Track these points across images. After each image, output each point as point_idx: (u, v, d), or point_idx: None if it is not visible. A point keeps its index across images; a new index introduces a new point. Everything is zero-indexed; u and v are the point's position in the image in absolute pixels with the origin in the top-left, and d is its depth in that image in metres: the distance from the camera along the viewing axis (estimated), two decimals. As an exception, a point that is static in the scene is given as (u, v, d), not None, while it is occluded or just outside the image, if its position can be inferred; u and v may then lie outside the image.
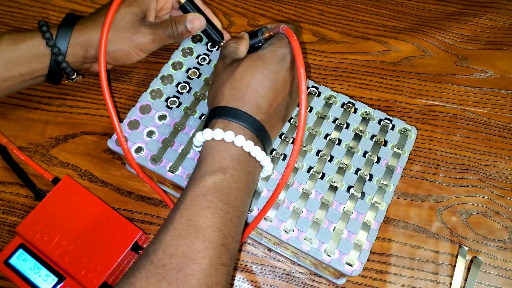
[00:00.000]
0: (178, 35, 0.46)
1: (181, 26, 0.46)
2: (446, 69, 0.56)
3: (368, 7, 0.60)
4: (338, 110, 0.46)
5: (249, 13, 0.60)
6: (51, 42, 0.44)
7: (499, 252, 0.47)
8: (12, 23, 0.58)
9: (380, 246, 0.47)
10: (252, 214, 0.40)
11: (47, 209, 0.44)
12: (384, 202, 0.42)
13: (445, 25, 0.59)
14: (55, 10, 0.59)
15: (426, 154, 0.51)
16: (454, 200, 0.49)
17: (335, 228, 0.40)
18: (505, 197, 0.49)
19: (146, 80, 0.54)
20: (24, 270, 0.42)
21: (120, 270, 0.44)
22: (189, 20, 0.46)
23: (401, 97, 0.54)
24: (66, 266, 0.42)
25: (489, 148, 0.52)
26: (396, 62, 0.56)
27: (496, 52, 0.57)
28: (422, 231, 0.48)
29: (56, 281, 0.42)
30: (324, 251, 0.39)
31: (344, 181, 0.42)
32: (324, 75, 0.56)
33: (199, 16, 0.46)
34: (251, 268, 0.46)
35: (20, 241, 0.43)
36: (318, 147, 0.44)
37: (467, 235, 0.48)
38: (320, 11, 0.60)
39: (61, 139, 0.51)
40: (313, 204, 0.41)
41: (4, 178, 0.49)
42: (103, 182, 0.49)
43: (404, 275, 0.46)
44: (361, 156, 0.44)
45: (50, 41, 0.44)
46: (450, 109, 0.54)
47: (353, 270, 0.39)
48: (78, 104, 0.53)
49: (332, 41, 0.58)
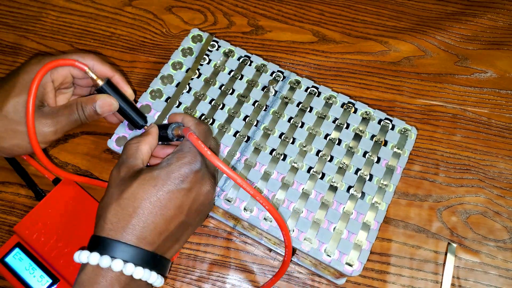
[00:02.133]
0: (85, 118, 0.41)
1: (89, 109, 0.40)
2: (446, 69, 0.56)
3: (368, 7, 0.60)
4: (338, 110, 0.46)
5: (249, 13, 0.60)
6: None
7: (499, 252, 0.47)
8: (12, 23, 0.58)
9: (380, 246, 0.47)
10: (252, 214, 0.41)
11: (46, 210, 0.44)
12: (384, 202, 0.42)
13: (445, 25, 0.59)
14: (55, 10, 0.59)
15: (426, 154, 0.51)
16: (454, 200, 0.49)
17: (335, 228, 0.40)
18: (505, 197, 0.49)
19: (146, 80, 0.54)
20: (19, 270, 0.42)
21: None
22: (98, 104, 0.40)
23: (401, 97, 0.54)
24: (60, 268, 0.42)
25: (489, 148, 0.52)
26: (396, 62, 0.56)
27: (496, 52, 0.57)
28: (422, 231, 0.48)
29: (50, 282, 0.42)
30: (324, 251, 0.39)
31: (344, 181, 0.42)
32: (324, 75, 0.55)
33: (110, 100, 0.40)
34: (251, 268, 0.46)
35: (17, 240, 0.43)
36: (318, 147, 0.44)
37: (467, 235, 0.48)
38: (320, 11, 0.60)
39: (61, 139, 0.51)
40: (313, 204, 0.41)
41: (5, 178, 0.49)
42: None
43: (404, 275, 0.46)
44: (361, 156, 0.44)
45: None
46: (450, 109, 0.54)
47: (353, 270, 0.39)
48: (78, 104, 0.53)
49: (332, 41, 0.58)
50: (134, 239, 0.32)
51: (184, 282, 0.45)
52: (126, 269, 0.32)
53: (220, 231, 0.47)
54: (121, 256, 0.32)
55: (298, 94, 0.46)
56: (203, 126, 0.38)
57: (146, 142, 0.38)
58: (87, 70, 0.40)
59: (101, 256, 0.32)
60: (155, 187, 0.33)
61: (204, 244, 0.47)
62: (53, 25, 0.58)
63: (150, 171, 0.34)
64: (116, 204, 0.33)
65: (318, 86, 0.47)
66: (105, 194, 0.35)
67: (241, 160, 0.43)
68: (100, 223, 0.33)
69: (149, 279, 0.33)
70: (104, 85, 0.41)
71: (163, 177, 0.34)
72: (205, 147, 0.34)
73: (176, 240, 0.36)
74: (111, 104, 0.41)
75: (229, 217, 0.46)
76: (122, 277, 0.32)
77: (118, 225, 0.33)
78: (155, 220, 0.33)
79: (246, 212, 0.41)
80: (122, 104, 0.42)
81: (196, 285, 0.45)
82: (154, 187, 0.33)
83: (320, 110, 0.46)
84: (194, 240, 0.47)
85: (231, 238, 0.47)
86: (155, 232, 0.33)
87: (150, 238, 0.33)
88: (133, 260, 0.32)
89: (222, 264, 0.46)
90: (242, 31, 0.58)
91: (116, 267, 0.31)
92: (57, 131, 0.40)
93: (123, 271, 0.32)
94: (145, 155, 0.37)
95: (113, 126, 0.46)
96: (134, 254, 0.32)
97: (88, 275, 0.32)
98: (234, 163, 0.43)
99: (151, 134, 0.39)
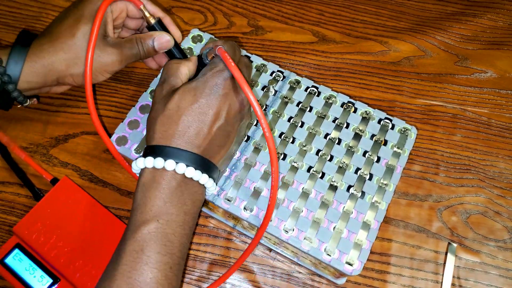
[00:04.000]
0: (144, 53, 0.44)
1: (147, 44, 0.43)
2: (446, 69, 0.56)
3: (368, 7, 0.60)
4: (338, 109, 0.46)
5: (249, 13, 0.60)
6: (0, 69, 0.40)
7: (499, 252, 0.47)
8: (12, 23, 0.58)
9: (380, 246, 0.47)
10: (252, 213, 0.40)
11: (45, 210, 0.44)
12: (384, 201, 0.41)
13: (445, 25, 0.59)
14: (55, 10, 0.59)
15: (426, 154, 0.51)
16: (454, 200, 0.49)
17: (335, 228, 0.40)
18: (505, 197, 0.49)
19: (146, 80, 0.54)
20: (19, 270, 0.42)
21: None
22: (157, 39, 0.43)
23: (401, 97, 0.54)
24: (61, 267, 0.42)
25: (489, 148, 0.52)
26: (396, 62, 0.56)
27: (496, 52, 0.57)
28: (422, 231, 0.48)
29: (51, 282, 0.42)
30: (324, 251, 0.39)
31: (344, 180, 0.42)
32: (324, 75, 0.56)
33: (167, 36, 0.44)
34: (251, 268, 0.46)
35: (16, 241, 0.43)
36: (318, 146, 0.44)
37: (467, 235, 0.48)
38: (320, 11, 0.60)
39: (61, 139, 0.51)
40: (313, 204, 0.41)
41: (4, 178, 0.49)
42: (103, 182, 0.49)
43: (404, 275, 0.46)
44: (361, 156, 0.43)
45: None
46: (450, 109, 0.54)
47: (353, 270, 0.39)
48: (78, 104, 0.53)
49: (332, 41, 0.58)
50: (182, 144, 0.36)
51: (184, 282, 0.45)
52: (178, 168, 0.35)
53: (220, 231, 0.47)
54: (172, 159, 0.35)
55: (298, 94, 0.46)
56: (231, 42, 0.41)
57: (186, 65, 0.41)
58: (141, 7, 0.43)
59: (155, 159, 0.35)
60: (195, 96, 0.37)
61: (204, 244, 0.47)
62: (53, 25, 0.58)
63: (188, 83, 0.38)
64: (162, 116, 0.37)
65: (318, 86, 0.47)
66: (151, 110, 0.39)
67: (241, 159, 0.43)
68: (151, 135, 0.37)
69: (200, 179, 0.36)
70: (156, 24, 0.43)
71: (200, 87, 0.37)
72: (230, 59, 0.36)
73: (220, 146, 0.39)
74: (168, 40, 0.44)
75: (229, 217, 0.46)
76: (177, 176, 0.36)
77: (166, 134, 0.36)
78: (198, 126, 0.37)
79: (246, 211, 0.41)
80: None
81: (196, 285, 0.45)
82: (194, 96, 0.37)
83: (320, 110, 0.46)
84: (194, 240, 0.47)
85: (231, 238, 0.47)
86: (200, 136, 0.37)
87: (196, 142, 0.36)
88: (183, 162, 0.36)
89: (222, 264, 0.46)
90: (242, 31, 0.58)
91: (169, 167, 0.35)
92: (122, 61, 0.44)
93: (176, 170, 0.35)
94: (184, 75, 0.40)
95: (113, 126, 0.46)
96: (184, 156, 0.36)
97: (147, 177, 0.36)
98: (234, 162, 0.43)
99: (191, 61, 0.42)
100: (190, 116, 0.36)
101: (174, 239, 0.35)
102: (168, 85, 0.39)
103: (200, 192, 0.38)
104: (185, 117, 0.36)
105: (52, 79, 0.43)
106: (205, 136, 0.37)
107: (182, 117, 0.36)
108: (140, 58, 0.45)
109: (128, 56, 0.44)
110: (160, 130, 0.37)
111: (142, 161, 0.36)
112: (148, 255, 0.33)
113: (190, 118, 0.36)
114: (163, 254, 0.34)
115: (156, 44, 0.43)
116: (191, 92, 0.37)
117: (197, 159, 0.36)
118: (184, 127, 0.36)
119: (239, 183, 0.42)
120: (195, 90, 0.37)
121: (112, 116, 0.52)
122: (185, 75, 0.40)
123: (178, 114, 0.36)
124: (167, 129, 0.36)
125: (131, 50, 0.43)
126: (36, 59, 0.42)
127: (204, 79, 0.38)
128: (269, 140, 0.35)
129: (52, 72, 0.42)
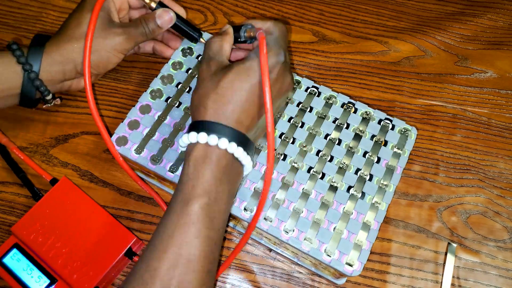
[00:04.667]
0: (150, 32, 0.46)
1: (151, 23, 0.45)
2: (446, 69, 0.56)
3: (368, 7, 0.60)
4: (338, 110, 0.46)
5: (249, 13, 0.60)
6: (22, 59, 0.42)
7: (499, 252, 0.47)
8: (12, 23, 0.58)
9: (380, 246, 0.47)
10: (252, 214, 0.40)
11: (43, 210, 0.44)
12: (384, 202, 0.42)
13: (445, 25, 0.59)
14: (55, 10, 0.59)
15: (426, 154, 0.51)
16: (454, 200, 0.49)
17: (335, 228, 0.40)
18: (505, 197, 0.49)
19: (146, 80, 0.54)
20: (17, 270, 0.42)
21: (112, 275, 0.44)
22: (158, 15, 0.45)
23: (401, 97, 0.54)
24: (58, 268, 0.42)
25: (489, 148, 0.52)
26: (396, 62, 0.56)
27: (496, 52, 0.57)
28: (422, 231, 0.48)
29: (48, 283, 0.42)
30: (324, 251, 0.39)
31: (344, 181, 0.42)
32: (324, 75, 0.55)
33: (167, 10, 0.45)
34: (251, 268, 0.46)
35: (14, 241, 0.43)
36: (318, 147, 0.44)
37: (467, 235, 0.48)
38: (320, 11, 0.60)
39: (61, 139, 0.51)
40: (313, 204, 0.41)
41: (4, 178, 0.49)
42: (103, 182, 0.49)
43: (404, 275, 0.46)
44: (361, 156, 0.43)
45: (21, 58, 0.42)
46: (450, 109, 0.54)
47: (353, 270, 0.39)
48: (78, 104, 0.53)
49: (332, 41, 0.58)
50: (233, 123, 0.37)
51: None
52: (230, 147, 0.36)
53: (220, 231, 0.47)
54: (225, 137, 0.36)
55: (298, 94, 0.46)
56: (281, 26, 0.42)
57: (227, 41, 0.42)
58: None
59: (209, 135, 0.36)
60: (249, 77, 0.37)
61: (204, 244, 0.47)
62: (53, 25, 0.58)
63: (242, 63, 0.38)
64: (214, 93, 0.37)
65: (318, 86, 0.47)
66: (199, 86, 0.39)
67: (241, 160, 0.43)
68: (201, 110, 0.37)
69: (244, 160, 0.37)
70: (157, 7, 0.45)
71: (255, 68, 0.37)
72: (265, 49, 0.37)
73: (262, 129, 0.40)
74: (171, 16, 0.45)
75: (229, 217, 0.46)
76: (227, 155, 0.36)
77: (218, 111, 0.37)
78: (250, 107, 0.37)
79: (246, 212, 0.41)
80: (177, 21, 0.46)
81: (196, 285, 0.45)
82: (248, 76, 0.37)
83: (320, 110, 0.46)
84: (194, 240, 0.47)
85: (231, 238, 0.47)
86: (249, 117, 0.37)
87: (246, 122, 0.37)
88: (234, 140, 0.36)
89: (222, 264, 0.46)
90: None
91: (222, 145, 0.36)
92: (129, 40, 0.45)
93: (228, 149, 0.36)
94: (227, 52, 0.41)
95: (113, 126, 0.46)
96: (234, 135, 0.36)
97: (199, 153, 0.36)
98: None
99: (228, 34, 0.42)
100: (243, 96, 0.37)
101: (219, 216, 0.36)
102: (215, 62, 0.40)
103: (240, 172, 0.39)
104: (238, 97, 0.37)
105: (70, 68, 0.45)
106: (253, 118, 0.38)
107: (235, 97, 0.37)
108: (147, 37, 0.46)
109: (135, 35, 0.45)
110: (212, 107, 0.37)
111: (195, 135, 0.36)
112: (198, 228, 0.34)
113: (244, 99, 0.37)
114: (210, 229, 0.35)
115: (159, 21, 0.45)
116: (246, 72, 0.37)
117: (245, 140, 0.37)
118: (236, 106, 0.37)
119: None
120: (250, 70, 0.37)
121: (112, 116, 0.52)
122: (228, 51, 0.42)
123: (231, 94, 0.37)
124: (219, 107, 0.37)
125: (136, 29, 0.45)
126: (54, 50, 0.44)
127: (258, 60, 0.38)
128: (269, 136, 0.36)
129: (68, 60, 0.44)
